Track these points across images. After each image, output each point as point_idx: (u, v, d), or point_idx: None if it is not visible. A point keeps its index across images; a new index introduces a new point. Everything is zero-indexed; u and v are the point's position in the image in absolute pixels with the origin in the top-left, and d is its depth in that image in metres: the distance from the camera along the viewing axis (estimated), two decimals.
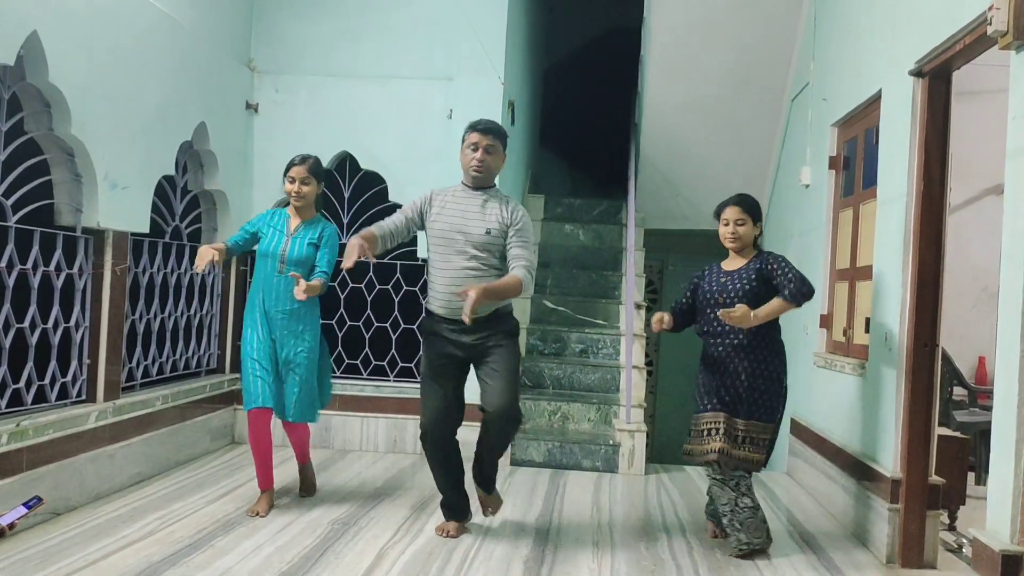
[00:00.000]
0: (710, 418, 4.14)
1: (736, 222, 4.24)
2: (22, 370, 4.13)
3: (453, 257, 4.01)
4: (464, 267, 3.99)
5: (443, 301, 4.02)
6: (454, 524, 4.26)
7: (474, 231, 4.01)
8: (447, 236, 4.02)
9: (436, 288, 4.06)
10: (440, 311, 4.06)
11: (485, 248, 4.01)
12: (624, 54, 9.30)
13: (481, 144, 4.03)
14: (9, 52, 3.72)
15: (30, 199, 4.12)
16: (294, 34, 6.27)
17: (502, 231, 4.04)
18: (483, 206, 4.07)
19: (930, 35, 3.86)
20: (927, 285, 4.01)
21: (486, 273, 4.00)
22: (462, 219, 4.03)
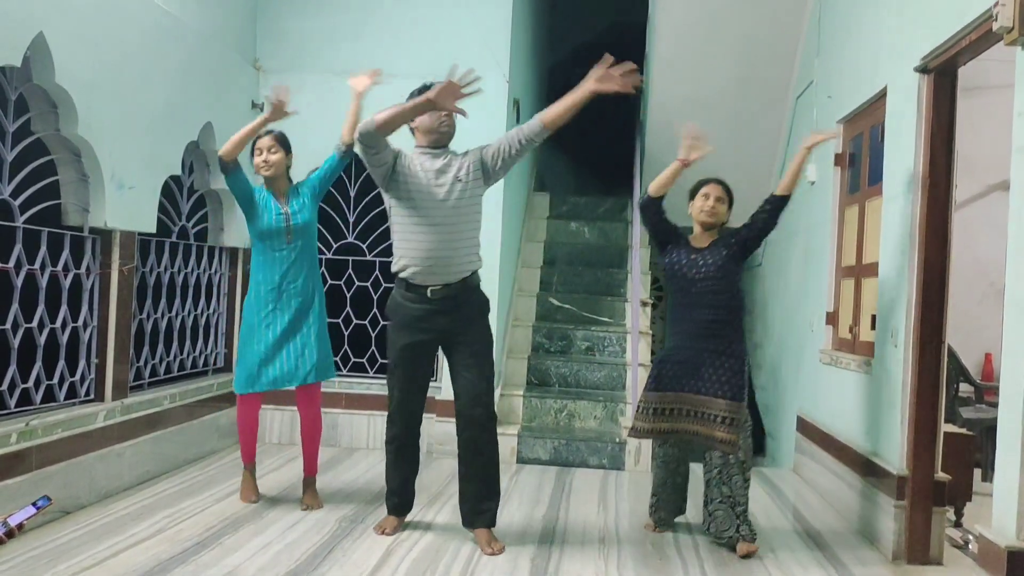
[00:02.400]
0: (666, 398, 4.21)
1: (717, 199, 4.32)
2: (31, 370, 4.15)
3: (425, 216, 3.87)
4: (438, 224, 3.87)
5: (416, 266, 3.89)
6: (394, 520, 4.17)
7: (445, 188, 3.90)
8: (416, 196, 3.88)
9: (408, 252, 3.90)
10: (414, 278, 3.91)
11: (460, 198, 3.91)
12: (629, 51, 9.28)
13: None
14: (16, 53, 3.74)
15: (37, 199, 4.14)
16: (299, 33, 6.28)
17: (477, 173, 3.96)
18: (446, 163, 3.95)
19: (935, 31, 3.86)
20: (933, 281, 4.01)
21: (461, 229, 3.92)
22: (431, 177, 3.90)
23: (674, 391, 4.22)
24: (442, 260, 3.89)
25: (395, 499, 4.21)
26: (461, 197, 3.92)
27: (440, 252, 3.88)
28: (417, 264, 3.89)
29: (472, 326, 4.01)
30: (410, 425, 4.13)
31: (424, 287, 3.92)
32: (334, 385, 6.04)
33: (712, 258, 4.20)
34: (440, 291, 3.91)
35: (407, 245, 3.91)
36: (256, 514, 4.34)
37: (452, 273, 3.92)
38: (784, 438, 6.43)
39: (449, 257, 3.90)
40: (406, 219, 3.92)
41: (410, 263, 3.91)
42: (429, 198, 3.88)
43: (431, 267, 3.89)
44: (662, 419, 4.24)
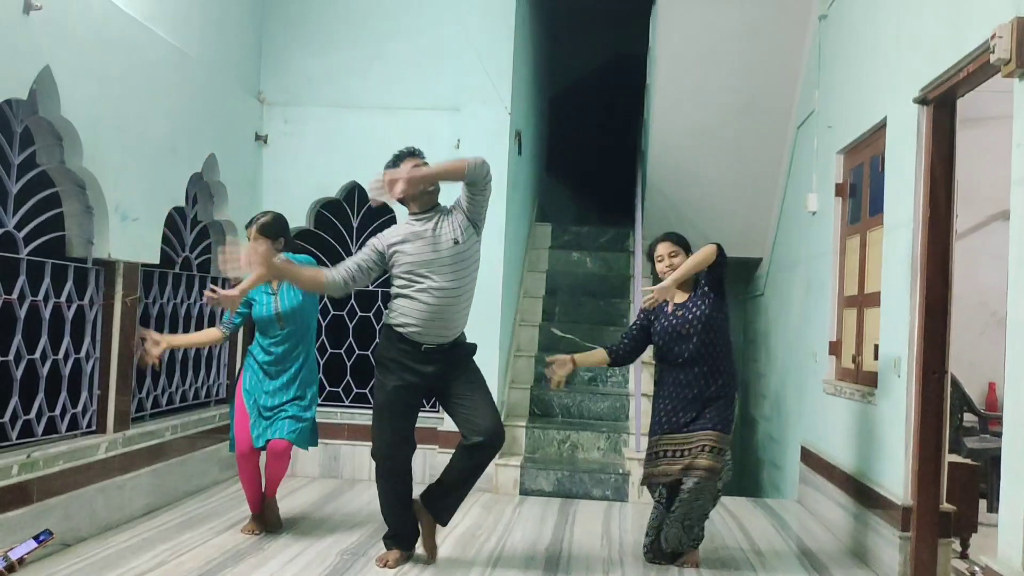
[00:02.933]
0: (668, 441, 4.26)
1: (670, 255, 4.39)
2: (33, 401, 4.15)
3: (430, 282, 3.94)
4: (442, 288, 3.94)
5: (418, 326, 3.95)
6: (396, 554, 4.14)
7: (444, 251, 3.97)
8: (417, 267, 3.96)
9: (411, 313, 3.95)
10: (412, 335, 3.96)
11: (459, 261, 3.99)
12: (630, 82, 9.36)
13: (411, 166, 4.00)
14: (22, 86, 3.77)
15: (42, 231, 4.16)
16: (302, 66, 6.34)
17: (466, 227, 4.04)
18: (438, 225, 4.02)
19: (934, 63, 3.89)
20: (935, 311, 4.01)
21: (463, 290, 4.02)
22: (429, 245, 3.98)
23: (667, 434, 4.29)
24: (442, 322, 3.98)
25: (393, 536, 4.19)
26: (460, 260, 4.01)
27: (441, 315, 3.96)
28: (418, 325, 3.97)
29: (461, 368, 4.12)
30: (400, 463, 4.11)
31: (420, 344, 3.99)
32: (336, 416, 6.03)
33: (697, 310, 4.28)
34: (434, 349, 4.00)
35: (410, 306, 3.97)
36: (257, 547, 4.31)
37: (448, 334, 4.03)
38: (788, 469, 6.39)
39: (449, 319, 4.00)
40: (410, 283, 3.98)
41: (410, 323, 3.97)
42: (430, 266, 3.96)
43: (430, 329, 3.97)
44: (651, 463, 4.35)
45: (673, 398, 4.28)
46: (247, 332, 6.12)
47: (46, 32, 3.86)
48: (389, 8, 6.34)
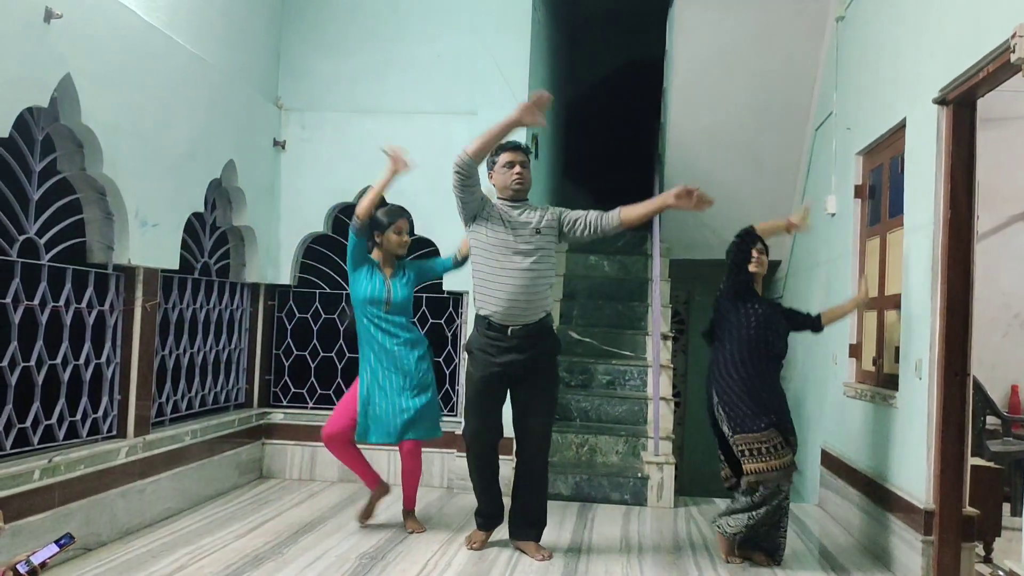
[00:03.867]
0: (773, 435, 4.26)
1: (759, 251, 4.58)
2: (54, 406, 4.18)
3: (509, 263, 4.25)
4: (520, 270, 4.24)
5: (500, 308, 4.26)
6: (483, 534, 4.54)
7: (525, 238, 4.28)
8: (498, 244, 4.28)
9: (492, 295, 4.28)
10: (494, 316, 4.29)
11: (537, 250, 4.29)
12: (647, 85, 9.35)
13: (517, 160, 4.39)
14: (43, 94, 3.81)
15: (63, 237, 4.20)
16: (320, 72, 6.37)
17: (552, 227, 4.37)
18: (527, 214, 4.35)
19: (953, 63, 3.86)
20: (957, 313, 3.98)
21: (540, 275, 4.31)
22: (512, 230, 4.29)
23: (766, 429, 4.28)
24: (520, 304, 4.26)
25: (481, 517, 4.58)
26: (539, 248, 4.31)
27: (519, 297, 4.25)
28: (499, 308, 4.27)
29: (544, 369, 4.44)
30: (488, 449, 4.49)
31: (505, 327, 4.29)
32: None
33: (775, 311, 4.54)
34: (520, 331, 4.30)
35: (489, 289, 4.29)
36: (276, 551, 4.33)
37: (530, 314, 4.30)
38: (808, 472, 6.35)
39: (527, 301, 4.27)
40: (488, 266, 4.30)
41: (493, 306, 4.29)
42: (510, 247, 4.27)
43: (511, 310, 4.27)
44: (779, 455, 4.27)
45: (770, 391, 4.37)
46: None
47: (67, 40, 3.90)
48: (406, 14, 6.35)
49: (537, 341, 4.35)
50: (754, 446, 4.23)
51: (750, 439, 4.23)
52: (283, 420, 6.22)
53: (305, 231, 6.29)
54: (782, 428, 4.30)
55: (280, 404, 6.36)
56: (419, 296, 6.22)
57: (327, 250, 6.36)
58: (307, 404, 6.29)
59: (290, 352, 6.39)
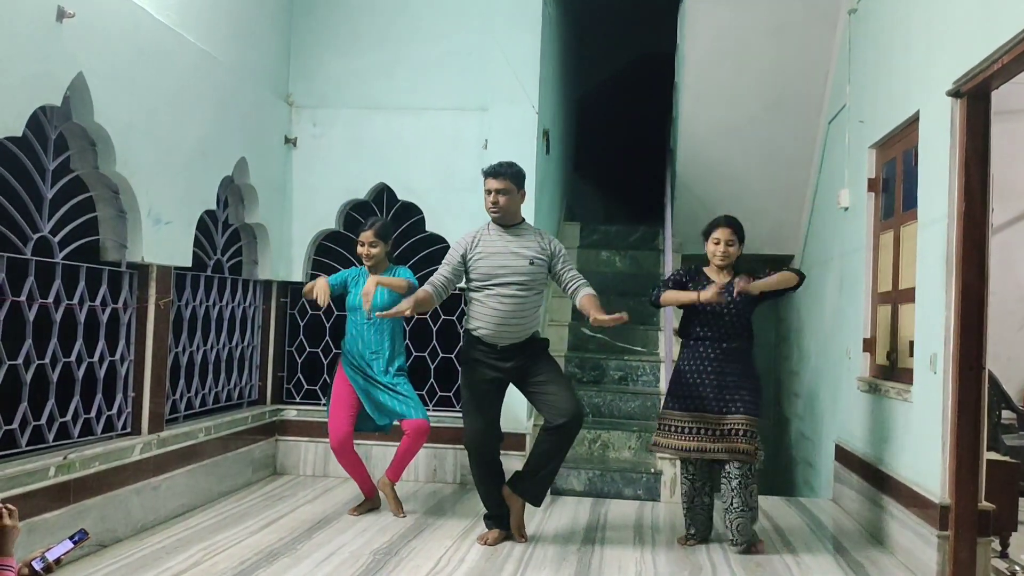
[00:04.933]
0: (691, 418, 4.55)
1: (727, 242, 4.62)
2: (69, 404, 4.20)
3: (499, 289, 4.36)
4: (511, 296, 4.36)
5: (490, 329, 4.37)
6: (496, 532, 4.54)
7: (518, 265, 4.38)
8: (492, 273, 4.38)
9: (483, 317, 4.39)
10: (485, 337, 4.39)
11: (529, 279, 4.39)
12: (658, 80, 9.32)
13: (493, 188, 4.41)
14: (56, 93, 3.82)
15: (76, 236, 4.21)
16: (331, 69, 6.37)
17: (545, 260, 4.46)
18: (520, 241, 4.44)
19: (967, 55, 3.83)
20: (971, 306, 3.95)
21: (529, 301, 4.41)
22: (503, 256, 4.39)
23: (697, 411, 4.55)
24: (510, 327, 4.38)
25: (491, 516, 4.62)
26: (531, 278, 4.41)
27: (509, 321, 4.37)
28: (489, 329, 4.38)
29: (539, 360, 4.51)
30: (489, 450, 4.52)
31: (494, 344, 4.40)
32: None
33: (737, 297, 4.48)
34: (508, 348, 4.42)
35: (480, 311, 4.40)
36: (290, 547, 4.34)
37: (519, 335, 4.43)
38: (822, 467, 6.33)
39: (517, 325, 4.40)
40: (480, 288, 4.41)
41: (483, 326, 4.39)
42: (502, 274, 4.37)
43: (500, 332, 4.38)
44: (684, 437, 4.56)
45: (696, 372, 4.58)
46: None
47: (79, 39, 3.91)
48: (416, 10, 6.35)
49: (527, 349, 4.47)
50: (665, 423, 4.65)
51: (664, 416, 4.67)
52: (296, 417, 6.23)
53: (317, 228, 6.30)
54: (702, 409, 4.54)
55: (293, 401, 6.38)
56: None
57: (339, 247, 6.37)
58: (320, 401, 6.30)
59: (303, 349, 6.40)
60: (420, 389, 6.25)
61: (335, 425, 5.03)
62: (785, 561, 4.42)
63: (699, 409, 4.55)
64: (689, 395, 4.58)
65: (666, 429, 4.63)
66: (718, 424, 4.50)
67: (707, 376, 4.55)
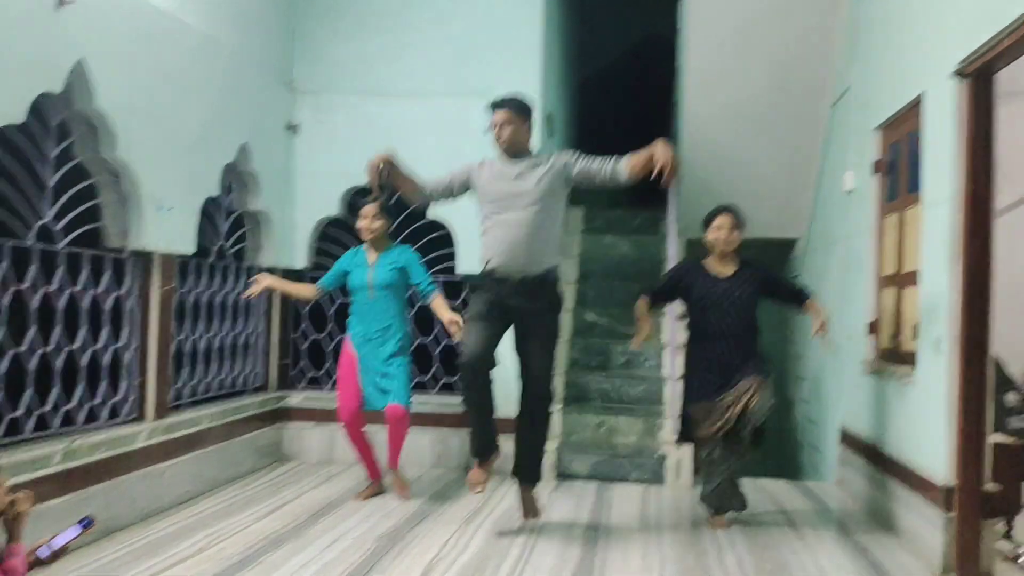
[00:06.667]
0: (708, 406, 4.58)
1: (731, 228, 4.68)
2: (73, 391, 4.21)
3: (508, 215, 4.28)
4: (519, 222, 4.25)
5: (500, 258, 4.28)
6: (480, 473, 4.50)
7: (524, 189, 4.28)
8: (499, 197, 4.31)
9: (493, 246, 4.31)
10: (497, 268, 4.30)
11: (540, 199, 4.28)
12: (661, 63, 9.28)
13: (497, 121, 4.36)
14: (57, 80, 3.81)
15: (79, 223, 4.21)
16: (333, 54, 6.35)
17: (558, 175, 4.35)
18: (527, 167, 4.35)
19: (971, 36, 3.80)
20: (976, 289, 3.94)
21: (541, 227, 4.29)
22: (510, 181, 4.31)
23: (710, 399, 4.59)
24: (521, 255, 4.27)
25: (476, 443, 4.52)
26: (540, 199, 4.29)
27: (519, 248, 4.26)
28: (500, 258, 4.28)
29: (544, 320, 4.39)
30: (481, 370, 4.32)
31: (507, 277, 4.29)
32: None
33: (741, 290, 4.64)
34: (521, 282, 4.29)
35: (489, 240, 4.33)
36: (296, 533, 4.36)
37: (532, 266, 4.30)
38: (827, 451, 6.33)
39: (528, 252, 4.28)
40: (488, 218, 4.35)
41: (494, 257, 4.30)
42: (508, 199, 4.29)
43: (512, 261, 4.27)
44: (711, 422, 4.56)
45: (706, 369, 4.64)
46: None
47: (79, 25, 3.90)
48: None
49: (539, 293, 4.35)
50: None
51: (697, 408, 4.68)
52: (300, 403, 6.25)
53: (320, 215, 6.29)
54: None
55: (297, 387, 6.39)
56: None
57: (342, 233, 6.36)
58: (324, 387, 6.31)
59: (306, 336, 6.40)
60: (423, 375, 6.27)
61: (343, 401, 5.09)
62: (791, 544, 4.42)
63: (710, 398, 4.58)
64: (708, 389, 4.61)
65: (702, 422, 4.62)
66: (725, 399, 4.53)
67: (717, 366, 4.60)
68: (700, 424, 4.62)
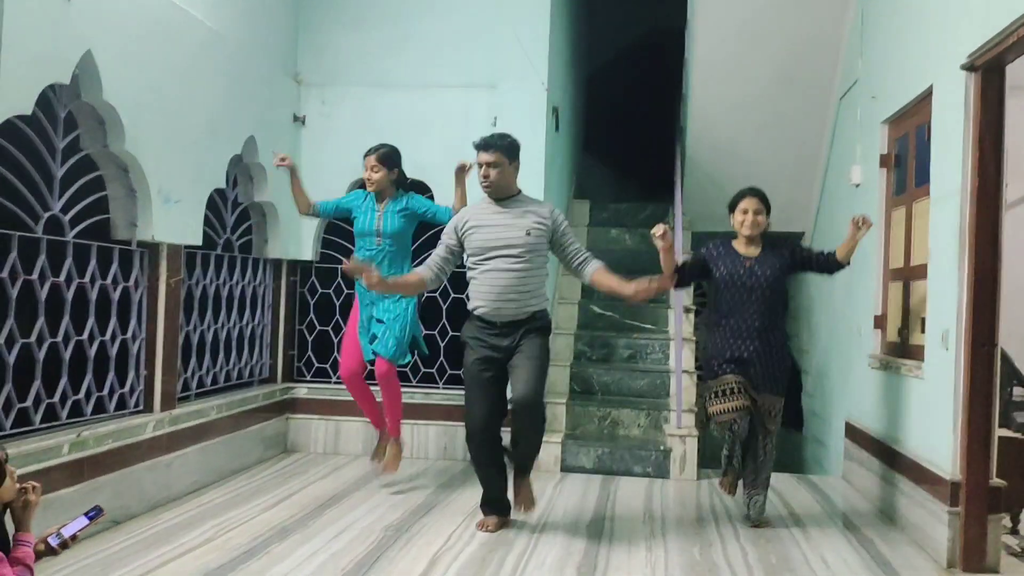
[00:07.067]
0: (732, 379, 4.48)
1: (756, 212, 4.55)
2: (82, 382, 4.23)
3: (495, 263, 4.22)
4: (507, 270, 4.21)
5: (488, 306, 4.24)
6: (494, 519, 4.41)
7: (513, 238, 4.22)
8: (487, 248, 4.24)
9: (481, 293, 4.26)
10: (485, 314, 4.26)
11: (526, 251, 4.22)
12: (668, 56, 9.25)
13: (483, 162, 4.24)
14: (65, 71, 3.82)
15: (87, 214, 4.22)
16: (339, 46, 6.34)
17: (545, 230, 4.28)
18: (516, 214, 4.27)
19: (982, 28, 3.79)
20: (984, 283, 3.93)
21: (529, 274, 4.25)
22: (498, 229, 4.24)
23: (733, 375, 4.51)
24: (509, 303, 4.23)
25: (487, 502, 4.47)
26: (529, 250, 4.24)
27: (506, 296, 4.22)
28: (487, 305, 4.25)
29: (529, 338, 4.29)
30: (490, 433, 4.31)
31: (493, 321, 4.27)
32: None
33: (769, 269, 4.51)
34: (507, 324, 4.27)
35: (478, 288, 4.28)
36: (303, 523, 4.37)
37: (519, 312, 4.27)
38: (833, 445, 6.33)
39: (515, 300, 4.24)
40: (477, 265, 4.28)
41: (482, 304, 4.27)
42: (497, 247, 4.22)
43: (499, 308, 4.24)
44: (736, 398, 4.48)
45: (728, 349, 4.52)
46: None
47: (87, 17, 3.90)
48: None
49: (526, 326, 4.29)
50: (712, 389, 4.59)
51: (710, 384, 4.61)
52: (307, 395, 6.26)
53: None
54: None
55: (304, 379, 6.40)
56: None
57: (349, 225, 6.34)
58: (330, 379, 6.32)
59: (313, 327, 6.42)
60: (430, 367, 6.28)
61: (343, 359, 5.13)
62: (795, 537, 4.43)
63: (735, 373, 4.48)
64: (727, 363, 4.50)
65: (720, 395, 4.51)
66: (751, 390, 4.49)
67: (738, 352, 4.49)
68: (713, 399, 4.52)
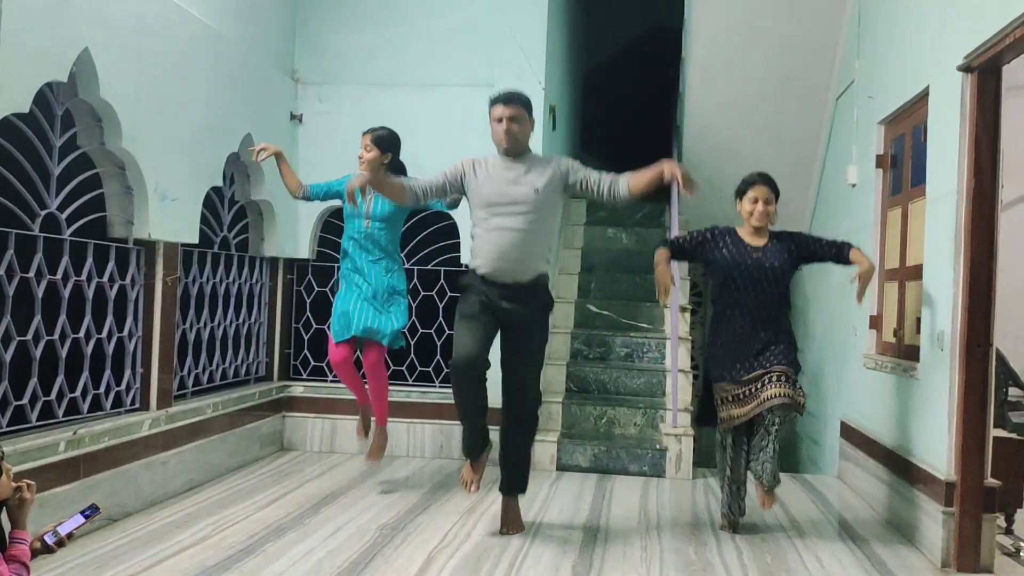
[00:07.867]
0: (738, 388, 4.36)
1: (766, 201, 4.43)
2: (78, 379, 4.22)
3: (500, 220, 4.09)
4: (512, 228, 4.08)
5: (490, 265, 4.11)
6: (472, 473, 4.35)
7: (521, 195, 4.09)
8: (492, 201, 4.11)
9: (483, 251, 4.13)
10: (486, 273, 4.13)
11: (533, 210, 4.09)
12: (665, 55, 9.27)
13: (505, 116, 4.11)
14: (62, 69, 3.81)
15: (84, 212, 4.22)
16: (336, 45, 6.34)
17: (559, 181, 4.16)
18: (525, 170, 4.15)
19: (979, 29, 3.80)
20: (979, 284, 3.94)
21: (535, 234, 4.12)
22: (507, 186, 4.11)
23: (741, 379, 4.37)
24: (511, 263, 4.10)
25: (467, 441, 4.34)
26: (536, 208, 4.10)
27: (509, 256, 4.09)
28: (490, 264, 4.10)
29: (533, 324, 4.23)
30: (474, 371, 4.08)
31: (495, 281, 4.12)
32: None
33: (777, 261, 4.40)
34: (510, 286, 4.12)
35: (481, 245, 4.14)
36: (298, 521, 4.37)
37: (521, 274, 4.13)
38: (828, 444, 6.34)
39: (518, 260, 4.11)
40: (481, 222, 4.15)
41: (483, 263, 4.12)
42: (503, 205, 4.09)
43: (501, 268, 4.10)
44: (740, 405, 4.37)
45: (733, 343, 4.39)
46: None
47: (85, 15, 3.90)
48: None
49: (531, 296, 4.17)
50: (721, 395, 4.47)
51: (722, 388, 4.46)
52: (303, 393, 6.26)
53: (323, 205, 6.29)
54: None
55: (300, 377, 6.40)
56: (435, 270, 6.24)
57: None
58: (327, 377, 6.32)
59: (309, 326, 6.42)
60: (426, 366, 6.28)
61: (334, 346, 5.04)
62: (790, 538, 4.44)
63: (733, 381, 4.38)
64: (733, 365, 4.37)
65: (726, 402, 4.42)
66: (761, 377, 4.29)
67: (746, 341, 4.36)
68: (722, 405, 4.42)
